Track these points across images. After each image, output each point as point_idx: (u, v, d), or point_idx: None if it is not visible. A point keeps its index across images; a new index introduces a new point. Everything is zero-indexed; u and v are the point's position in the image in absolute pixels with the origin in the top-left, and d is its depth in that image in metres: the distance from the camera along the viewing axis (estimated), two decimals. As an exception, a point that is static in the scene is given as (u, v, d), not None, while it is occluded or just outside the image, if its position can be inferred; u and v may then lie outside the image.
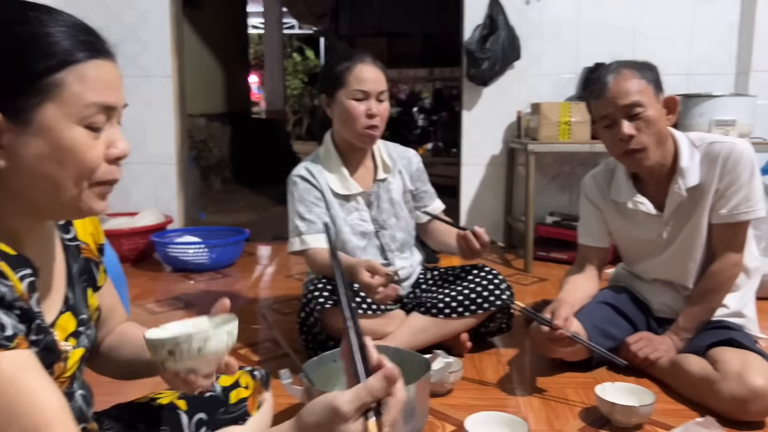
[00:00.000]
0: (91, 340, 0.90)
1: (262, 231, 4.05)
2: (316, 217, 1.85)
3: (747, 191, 1.60)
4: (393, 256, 1.97)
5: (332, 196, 1.90)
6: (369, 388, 0.66)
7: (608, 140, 1.65)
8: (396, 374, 0.68)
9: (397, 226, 1.98)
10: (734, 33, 3.37)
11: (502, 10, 3.31)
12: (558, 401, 1.60)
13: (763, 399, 1.39)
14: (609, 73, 1.60)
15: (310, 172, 1.90)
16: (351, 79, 1.81)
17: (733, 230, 1.64)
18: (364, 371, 0.70)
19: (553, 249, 3.19)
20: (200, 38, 6.03)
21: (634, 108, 1.57)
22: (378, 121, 1.83)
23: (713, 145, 1.63)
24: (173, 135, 3.52)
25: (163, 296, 2.59)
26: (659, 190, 1.70)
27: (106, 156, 0.77)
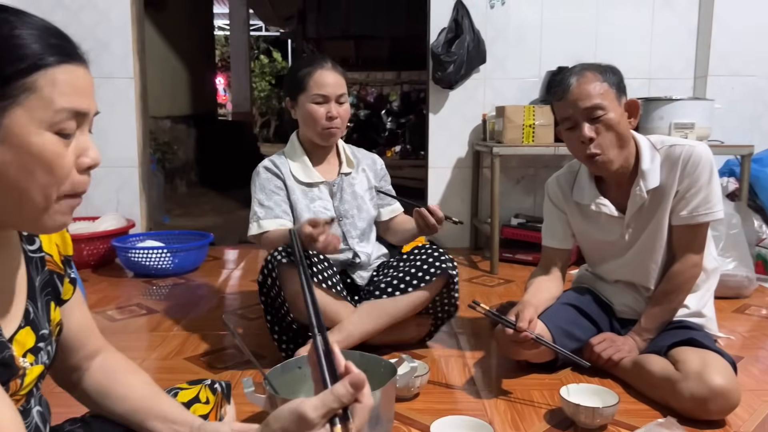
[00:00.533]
0: (51, 357, 0.87)
1: (228, 235, 3.99)
2: (275, 204, 1.93)
3: (706, 193, 1.63)
4: (353, 242, 2.02)
5: (294, 182, 1.97)
6: (335, 394, 0.65)
7: (570, 142, 1.67)
8: (362, 380, 0.67)
9: (359, 217, 2.04)
10: (692, 39, 3.45)
11: (467, 14, 3.33)
12: (523, 403, 1.60)
13: (723, 398, 1.41)
14: (572, 76, 1.62)
15: (274, 163, 1.99)
16: (311, 84, 1.92)
17: (693, 232, 1.67)
18: (330, 377, 0.69)
19: (518, 250, 3.22)
20: (164, 39, 5.93)
21: (595, 111, 1.58)
22: (338, 122, 1.94)
23: (673, 148, 1.66)
24: (135, 137, 3.44)
25: (124, 302, 2.53)
26: (621, 192, 1.72)
27: (77, 165, 0.74)
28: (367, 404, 0.67)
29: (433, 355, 1.94)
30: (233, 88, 10.14)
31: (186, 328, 2.21)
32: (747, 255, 2.63)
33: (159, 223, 4.13)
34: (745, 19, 3.35)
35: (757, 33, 3.37)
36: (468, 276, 2.98)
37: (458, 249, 3.55)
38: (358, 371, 0.69)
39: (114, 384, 1.00)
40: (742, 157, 2.92)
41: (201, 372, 1.80)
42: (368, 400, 0.68)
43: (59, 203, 0.73)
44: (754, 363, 1.89)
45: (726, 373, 1.45)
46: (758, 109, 3.45)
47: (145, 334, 2.17)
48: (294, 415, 0.65)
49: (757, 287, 2.68)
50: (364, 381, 0.67)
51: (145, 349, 2.01)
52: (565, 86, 1.61)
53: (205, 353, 1.96)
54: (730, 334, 2.10)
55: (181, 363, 1.88)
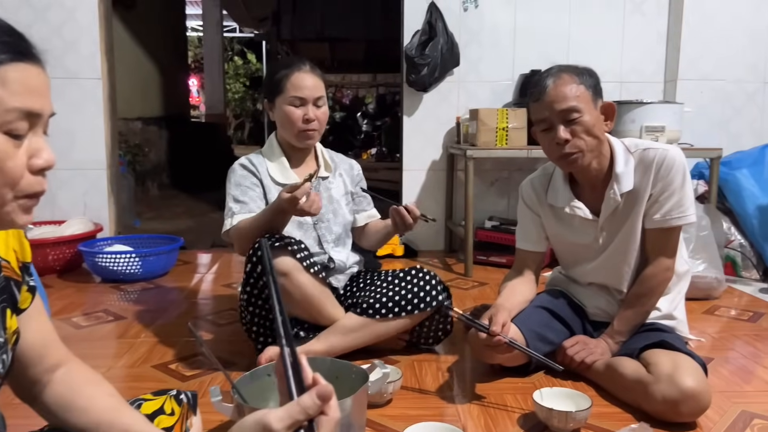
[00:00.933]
0: (6, 367, 0.83)
1: (200, 238, 3.93)
2: (250, 199, 1.90)
3: (679, 197, 1.64)
4: (329, 246, 1.99)
5: (271, 182, 1.94)
6: (301, 406, 0.64)
7: (545, 143, 1.67)
8: (330, 392, 0.66)
9: (335, 221, 2.01)
10: (662, 43, 3.50)
11: (441, 17, 3.32)
12: (497, 408, 1.59)
13: (694, 400, 1.42)
14: (548, 77, 1.61)
15: (251, 161, 1.97)
16: (289, 86, 1.90)
17: (666, 235, 1.67)
18: (297, 389, 0.67)
19: (492, 253, 3.22)
20: (135, 39, 5.83)
21: (570, 113, 1.58)
22: (316, 125, 1.92)
23: (647, 152, 1.67)
24: (103, 139, 3.37)
25: (91, 309, 2.46)
26: (595, 195, 1.72)
27: (29, 167, 0.71)
28: (333, 417, 0.66)
29: (406, 360, 1.91)
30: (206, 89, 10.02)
31: (154, 334, 2.16)
32: (716, 257, 2.66)
33: (129, 226, 4.05)
34: (713, 24, 3.41)
35: (725, 38, 3.43)
36: (443, 278, 2.95)
37: (432, 252, 3.54)
38: (325, 383, 0.67)
39: (76, 396, 0.96)
40: (711, 160, 2.96)
41: (169, 380, 1.75)
42: (335, 413, 0.67)
43: (16, 201, 0.71)
44: (723, 364, 1.90)
45: (697, 375, 1.45)
46: (726, 113, 3.51)
47: (112, 341, 2.11)
48: (258, 426, 0.63)
49: (726, 288, 2.71)
50: (332, 393, 0.66)
51: (111, 356, 1.95)
52: (541, 88, 1.61)
53: (174, 360, 1.91)
54: (701, 336, 2.11)
55: (148, 371, 1.83)
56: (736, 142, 3.41)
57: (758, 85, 3.51)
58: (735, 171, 3.05)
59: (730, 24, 3.42)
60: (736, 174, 3.04)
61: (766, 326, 2.29)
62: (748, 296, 2.71)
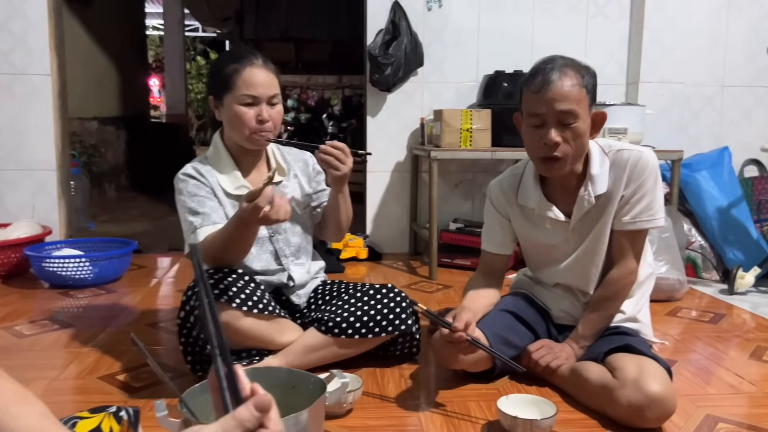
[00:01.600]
0: None
1: (158, 241, 3.81)
2: (210, 209, 1.72)
3: (650, 200, 1.61)
4: (287, 261, 1.86)
5: (224, 196, 1.77)
6: (238, 419, 0.59)
7: (531, 139, 1.58)
8: (268, 402, 0.60)
9: (293, 231, 1.87)
10: (624, 46, 3.52)
11: (405, 16, 3.28)
12: (460, 417, 1.54)
13: (660, 405, 1.39)
14: (554, 70, 1.51)
15: (199, 171, 1.77)
16: (239, 83, 1.70)
17: (633, 237, 1.65)
18: (232, 401, 0.62)
19: (456, 255, 3.18)
20: (91, 37, 5.64)
21: (568, 116, 1.51)
22: (269, 126, 1.73)
23: (621, 153, 1.63)
24: (53, 139, 3.22)
25: (37, 316, 2.33)
26: (567, 196, 1.68)
27: None
28: (274, 430, 0.61)
29: (367, 367, 1.85)
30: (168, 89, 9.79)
31: (103, 343, 2.05)
32: (678, 258, 2.67)
33: (83, 229, 3.90)
34: (674, 27, 3.44)
35: (685, 42, 3.47)
36: (407, 282, 2.92)
37: (397, 254, 3.48)
38: (264, 392, 0.62)
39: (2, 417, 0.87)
40: (673, 162, 2.98)
41: (115, 393, 1.66)
42: (276, 426, 0.61)
43: None
44: (686, 366, 1.89)
45: (662, 380, 1.42)
46: (686, 116, 3.55)
47: (57, 350, 1.99)
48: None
49: (688, 290, 2.72)
50: (271, 403, 0.61)
51: (55, 367, 1.84)
52: (545, 80, 1.51)
53: (123, 371, 1.81)
54: (664, 338, 2.10)
55: (94, 383, 1.73)
56: (695, 145, 3.44)
57: (716, 88, 3.56)
58: (695, 173, 3.08)
59: (689, 28, 3.46)
60: (696, 176, 3.06)
61: (726, 328, 2.30)
62: (708, 297, 2.73)
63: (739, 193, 3.07)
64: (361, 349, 1.79)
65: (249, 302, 1.62)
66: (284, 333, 1.72)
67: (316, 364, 1.71)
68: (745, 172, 3.57)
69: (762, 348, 2.07)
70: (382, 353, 1.85)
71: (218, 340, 0.65)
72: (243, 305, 1.61)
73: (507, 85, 3.16)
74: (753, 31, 3.51)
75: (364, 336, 1.74)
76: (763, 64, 3.51)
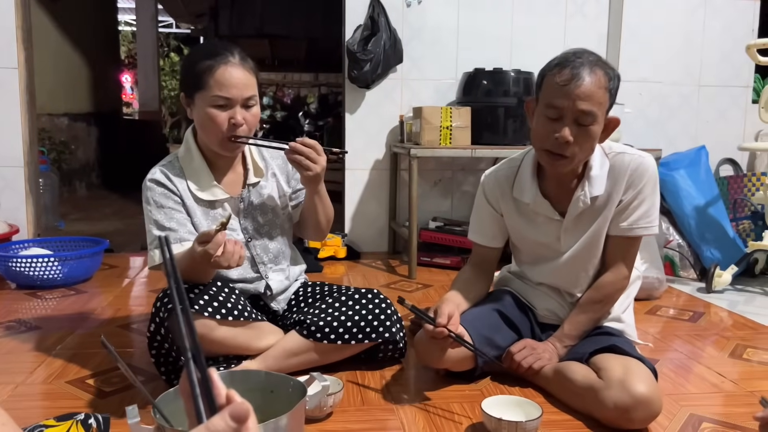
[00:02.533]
0: None
1: (130, 240, 3.71)
2: (178, 224, 1.62)
3: (648, 206, 1.60)
4: (266, 269, 1.78)
5: (194, 202, 1.67)
6: (212, 430, 0.54)
7: (542, 129, 1.52)
8: (246, 411, 0.55)
9: (271, 236, 1.78)
10: (602, 44, 3.52)
11: (384, 12, 3.24)
12: (443, 418, 1.51)
13: (646, 406, 1.37)
14: (584, 66, 1.45)
15: (168, 177, 1.66)
16: (212, 82, 1.56)
17: (629, 243, 1.63)
18: (207, 409, 0.57)
19: (436, 254, 3.15)
20: (61, 31, 5.50)
21: (587, 117, 1.46)
22: (244, 130, 1.60)
23: (622, 156, 1.60)
24: (20, 135, 3.11)
25: (3, 317, 2.24)
26: (563, 195, 1.64)
27: None
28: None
29: (348, 370, 1.80)
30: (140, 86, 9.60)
31: (72, 346, 1.97)
32: (657, 257, 2.68)
33: (52, 228, 3.79)
34: (652, 26, 3.46)
35: (663, 41, 3.49)
36: (386, 281, 2.88)
37: (376, 253, 3.44)
38: (241, 400, 0.57)
39: None
40: (651, 160, 2.99)
41: (84, 397, 1.59)
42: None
43: None
44: (667, 365, 1.88)
45: (648, 380, 1.41)
46: (663, 114, 3.57)
47: (24, 354, 1.91)
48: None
49: (667, 288, 2.73)
50: (248, 412, 0.55)
51: (22, 372, 1.76)
52: (574, 74, 1.44)
53: (93, 375, 1.74)
54: (644, 337, 2.09)
55: (62, 387, 1.66)
56: (671, 144, 3.47)
57: (693, 88, 3.59)
58: (673, 172, 3.09)
59: (666, 27, 3.49)
60: (674, 175, 3.08)
61: (705, 326, 2.31)
62: (686, 296, 2.74)
63: (716, 192, 3.09)
64: (344, 355, 1.74)
65: (223, 309, 1.55)
66: (262, 338, 1.66)
67: (295, 368, 1.64)
68: (720, 171, 3.61)
69: (741, 346, 2.07)
70: (364, 357, 1.80)
71: (191, 343, 0.61)
72: (216, 313, 1.53)
73: (486, 83, 3.14)
74: (729, 31, 3.54)
75: (347, 342, 1.69)
76: (738, 64, 3.55)
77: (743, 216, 3.23)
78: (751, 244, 2.80)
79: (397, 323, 1.77)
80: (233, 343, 1.60)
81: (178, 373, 1.62)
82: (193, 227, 1.66)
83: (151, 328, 1.59)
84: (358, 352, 1.76)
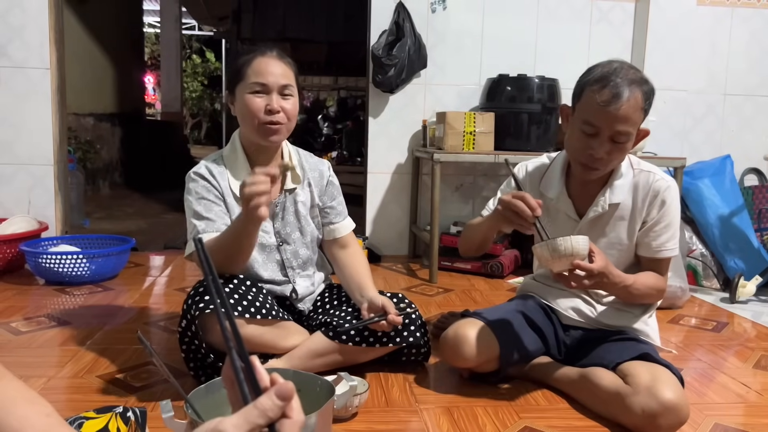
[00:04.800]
0: None
1: (153, 240, 3.77)
2: (216, 216, 1.67)
3: (673, 231, 1.64)
4: (294, 273, 1.81)
5: (233, 200, 1.71)
6: (260, 408, 0.57)
7: (577, 143, 1.55)
8: (291, 390, 0.59)
9: (301, 242, 1.82)
10: (627, 51, 3.51)
11: (409, 17, 3.26)
12: (467, 420, 1.52)
13: (673, 413, 1.38)
14: (624, 86, 1.45)
15: (211, 172, 1.72)
16: (249, 72, 1.65)
17: (658, 264, 1.67)
18: (252, 393, 0.60)
19: (456, 259, 3.16)
20: (88, 32, 5.60)
21: (622, 136, 1.49)
22: (281, 117, 1.65)
23: (649, 176, 1.63)
24: (51, 133, 3.17)
25: (33, 313, 2.29)
26: (586, 197, 1.67)
27: None
28: (297, 419, 0.59)
29: (372, 370, 1.82)
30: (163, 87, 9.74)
31: (101, 341, 2.01)
32: (680, 266, 2.67)
33: (77, 226, 3.85)
34: (678, 34, 3.44)
35: (688, 49, 3.47)
36: (406, 284, 2.89)
37: (396, 257, 3.46)
38: (285, 381, 0.60)
39: (6, 418, 0.83)
40: (675, 169, 2.98)
41: (116, 392, 1.62)
42: (298, 415, 0.59)
43: None
44: (691, 374, 1.88)
45: (676, 387, 1.41)
46: (687, 123, 3.55)
47: (54, 348, 1.96)
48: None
49: (689, 297, 2.72)
50: (293, 391, 0.59)
51: (52, 366, 1.80)
52: (614, 95, 1.45)
53: (122, 370, 1.78)
54: (668, 346, 2.09)
55: (93, 381, 1.69)
56: (696, 152, 3.45)
57: (718, 96, 3.57)
58: (697, 181, 3.07)
59: (692, 36, 3.47)
60: (698, 184, 3.06)
61: (728, 336, 2.30)
62: (709, 305, 2.72)
63: (741, 202, 3.07)
64: (368, 357, 1.76)
65: (252, 308, 1.59)
66: (288, 337, 1.68)
67: (320, 369, 1.66)
68: (745, 181, 3.58)
69: (765, 357, 2.06)
70: (387, 359, 1.82)
71: (235, 334, 0.64)
72: (246, 312, 1.57)
73: (510, 89, 3.15)
74: (755, 39, 3.52)
75: (371, 345, 1.71)
76: (765, 73, 3.53)
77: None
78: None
79: (422, 327, 1.78)
80: (260, 341, 1.62)
81: (207, 370, 1.65)
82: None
83: (182, 324, 1.61)
84: (382, 354, 1.78)
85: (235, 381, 0.61)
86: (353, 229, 1.94)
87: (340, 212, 1.90)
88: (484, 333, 1.64)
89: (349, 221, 1.92)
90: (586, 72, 1.56)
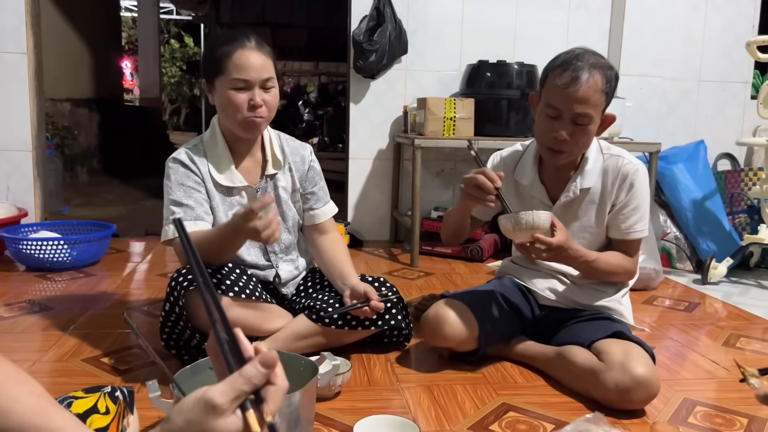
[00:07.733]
0: None
1: (133, 226, 3.76)
2: (195, 202, 1.68)
3: (642, 213, 1.68)
4: (276, 258, 1.84)
5: (213, 187, 1.73)
6: (245, 376, 0.60)
7: (542, 126, 1.60)
8: (274, 358, 0.61)
9: (283, 227, 1.82)
10: (605, 39, 3.56)
11: (389, 3, 3.27)
12: (446, 398, 1.56)
13: (645, 387, 1.43)
14: (583, 69, 1.51)
15: (191, 158, 1.72)
16: (230, 66, 1.63)
17: (628, 245, 1.71)
18: (236, 363, 0.63)
19: (437, 243, 3.20)
20: (64, 16, 5.51)
21: (583, 118, 1.54)
22: (263, 111, 1.66)
23: (617, 160, 1.68)
24: (29, 119, 3.14)
25: (14, 299, 2.29)
26: (558, 183, 1.72)
27: None
28: (281, 386, 0.62)
29: (354, 352, 1.86)
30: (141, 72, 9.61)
31: (84, 326, 2.02)
32: (655, 248, 2.74)
33: (57, 213, 3.82)
34: (654, 21, 3.50)
35: (665, 36, 3.53)
36: (388, 269, 2.93)
37: (378, 241, 3.50)
38: (268, 350, 0.63)
39: None
40: (650, 154, 3.04)
41: (101, 375, 1.64)
42: (282, 382, 0.62)
43: None
44: (663, 353, 1.94)
45: (647, 363, 1.47)
46: (663, 109, 3.62)
47: (37, 333, 1.96)
48: (200, 404, 0.58)
49: (663, 279, 2.79)
50: (276, 359, 0.61)
51: (35, 350, 1.81)
52: (573, 78, 1.51)
53: (107, 353, 1.79)
54: (643, 326, 2.16)
55: (78, 365, 1.71)
56: (671, 138, 3.52)
57: (693, 83, 3.64)
58: (671, 165, 3.14)
59: (668, 23, 3.53)
60: (673, 168, 3.13)
61: (700, 316, 2.37)
62: (682, 287, 2.80)
63: (714, 186, 3.15)
64: (350, 339, 1.79)
65: (235, 287, 1.61)
66: (272, 320, 1.71)
67: (303, 351, 1.68)
68: (718, 166, 3.66)
69: (734, 336, 2.13)
70: (370, 341, 1.85)
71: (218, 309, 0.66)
72: (229, 291, 1.59)
73: (490, 75, 3.18)
74: (730, 27, 3.59)
75: (354, 328, 1.74)
76: (738, 60, 3.60)
77: (740, 210, 3.29)
78: (746, 237, 2.86)
79: (404, 311, 1.83)
80: (244, 324, 1.64)
81: (190, 350, 1.68)
82: (210, 210, 1.71)
83: (166, 307, 1.63)
84: (365, 336, 1.82)
85: (221, 352, 0.63)
86: (335, 214, 1.96)
87: (321, 198, 1.91)
88: (463, 313, 1.69)
89: (330, 207, 1.93)
90: (552, 60, 1.62)
